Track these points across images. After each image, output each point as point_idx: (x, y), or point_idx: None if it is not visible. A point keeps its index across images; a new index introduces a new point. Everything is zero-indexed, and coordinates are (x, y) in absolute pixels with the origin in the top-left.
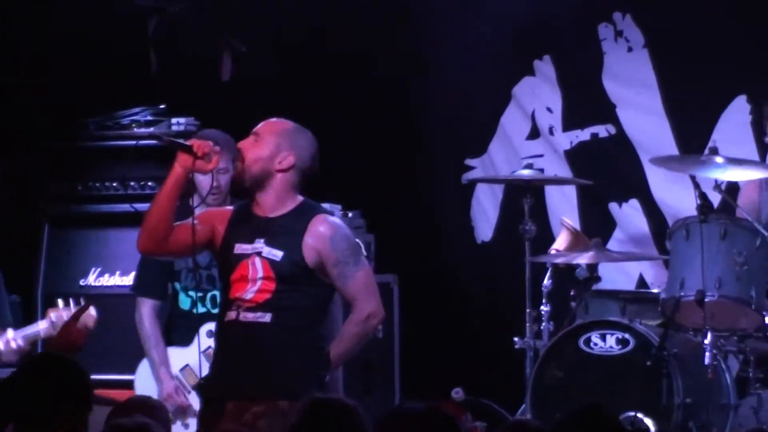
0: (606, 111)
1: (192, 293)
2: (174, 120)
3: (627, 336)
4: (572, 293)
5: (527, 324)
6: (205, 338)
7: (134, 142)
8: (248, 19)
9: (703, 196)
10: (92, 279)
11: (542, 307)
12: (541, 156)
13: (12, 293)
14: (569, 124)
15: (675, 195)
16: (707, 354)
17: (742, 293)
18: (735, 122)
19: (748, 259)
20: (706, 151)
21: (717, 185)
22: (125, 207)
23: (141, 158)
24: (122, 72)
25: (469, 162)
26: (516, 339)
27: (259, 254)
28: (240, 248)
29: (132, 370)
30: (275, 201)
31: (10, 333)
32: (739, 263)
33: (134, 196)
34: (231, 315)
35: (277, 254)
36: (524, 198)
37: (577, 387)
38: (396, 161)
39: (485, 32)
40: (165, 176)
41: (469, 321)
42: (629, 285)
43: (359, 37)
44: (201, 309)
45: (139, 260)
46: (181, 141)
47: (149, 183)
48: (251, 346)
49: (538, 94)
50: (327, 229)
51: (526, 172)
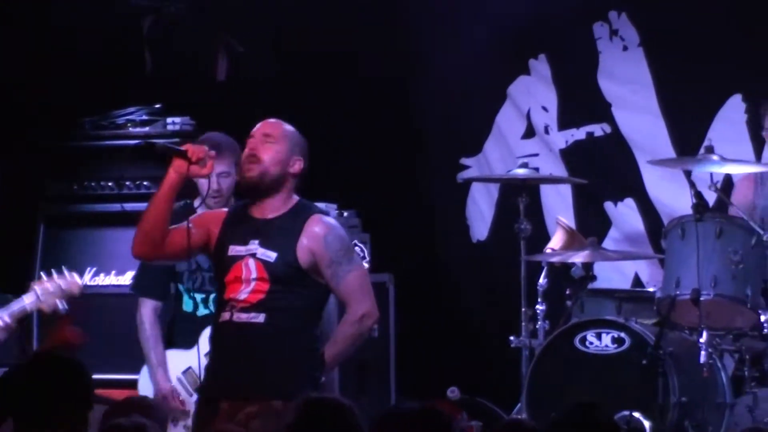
0: (601, 110)
1: (195, 295)
2: (169, 119)
3: (623, 335)
4: (568, 292)
5: (523, 323)
6: (208, 341)
7: (140, 141)
8: (248, 19)
9: (699, 195)
10: (88, 278)
11: (538, 306)
12: (537, 155)
13: (7, 292)
14: (564, 123)
15: (670, 194)
16: (703, 353)
17: (738, 292)
18: (730, 121)
19: (744, 258)
20: (702, 150)
21: (712, 184)
22: (120, 207)
23: (142, 157)
24: (118, 72)
25: (465, 161)
26: (512, 338)
27: (253, 255)
28: (234, 250)
29: (128, 370)
30: (279, 203)
31: None
32: (735, 262)
33: (130, 196)
34: (225, 316)
35: (271, 255)
36: (519, 197)
37: (573, 386)
38: (391, 160)
39: (480, 31)
40: (161, 176)
41: (465, 320)
42: (625, 284)
43: (355, 37)
44: (204, 311)
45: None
46: (176, 146)
47: (145, 183)
48: (245, 347)
49: (534, 93)
50: (321, 230)
51: (522, 171)
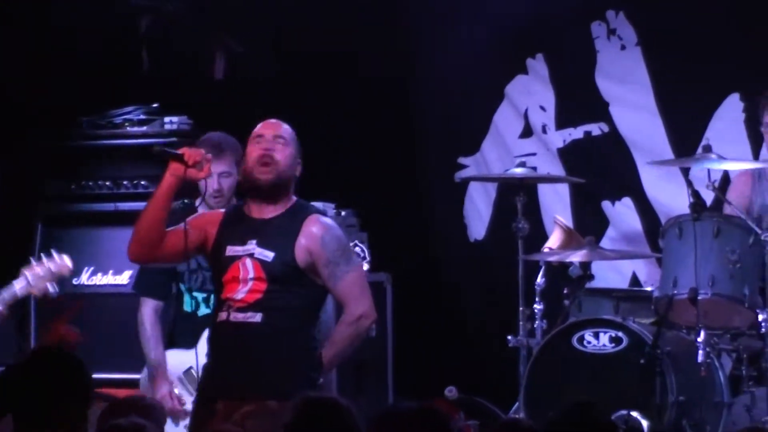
0: (599, 109)
1: (196, 294)
2: (167, 119)
3: (620, 334)
4: (565, 291)
5: (520, 322)
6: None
7: (138, 141)
8: (247, 19)
9: (696, 195)
10: (85, 278)
11: (535, 306)
12: (534, 154)
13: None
14: (562, 123)
15: (668, 193)
16: (700, 352)
17: (736, 291)
18: (728, 120)
19: (741, 257)
20: (700, 149)
21: (710, 183)
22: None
23: (140, 157)
24: (116, 71)
25: (462, 160)
26: (509, 337)
27: (251, 255)
28: (232, 250)
29: (125, 369)
30: (281, 204)
31: None
32: (732, 261)
33: (127, 195)
34: (222, 315)
35: (269, 255)
36: (517, 196)
37: (571, 385)
38: (389, 160)
39: (479, 31)
40: (159, 176)
41: (463, 319)
42: (622, 283)
43: (354, 37)
44: (205, 310)
45: None
46: (172, 150)
47: (142, 182)
48: (241, 346)
49: (531, 93)
50: (319, 230)
51: (519, 171)
